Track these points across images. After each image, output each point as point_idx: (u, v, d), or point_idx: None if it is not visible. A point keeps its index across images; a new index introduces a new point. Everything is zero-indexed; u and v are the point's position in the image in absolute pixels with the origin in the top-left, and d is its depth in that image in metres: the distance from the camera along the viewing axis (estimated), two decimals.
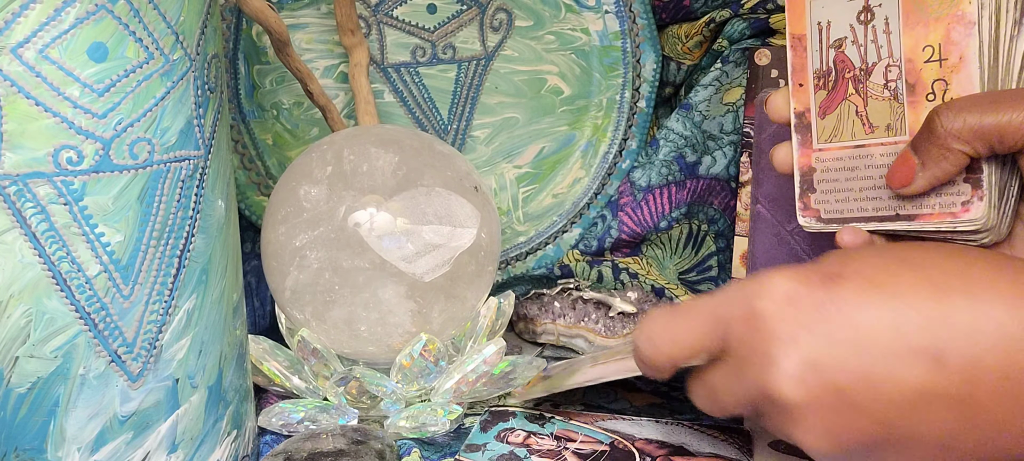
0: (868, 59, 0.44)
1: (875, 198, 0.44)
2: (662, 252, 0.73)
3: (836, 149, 0.45)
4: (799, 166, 0.46)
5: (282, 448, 0.46)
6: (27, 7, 0.35)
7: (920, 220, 0.42)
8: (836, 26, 0.45)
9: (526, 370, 0.54)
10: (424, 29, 0.69)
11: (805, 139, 0.46)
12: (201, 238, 0.41)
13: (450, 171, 0.54)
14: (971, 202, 0.41)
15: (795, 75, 0.46)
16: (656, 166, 0.70)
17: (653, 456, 0.47)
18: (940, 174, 0.40)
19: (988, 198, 0.41)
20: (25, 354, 0.38)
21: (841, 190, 0.45)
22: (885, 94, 0.43)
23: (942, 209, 0.42)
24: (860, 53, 0.44)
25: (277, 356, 0.54)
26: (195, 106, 0.40)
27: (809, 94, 0.46)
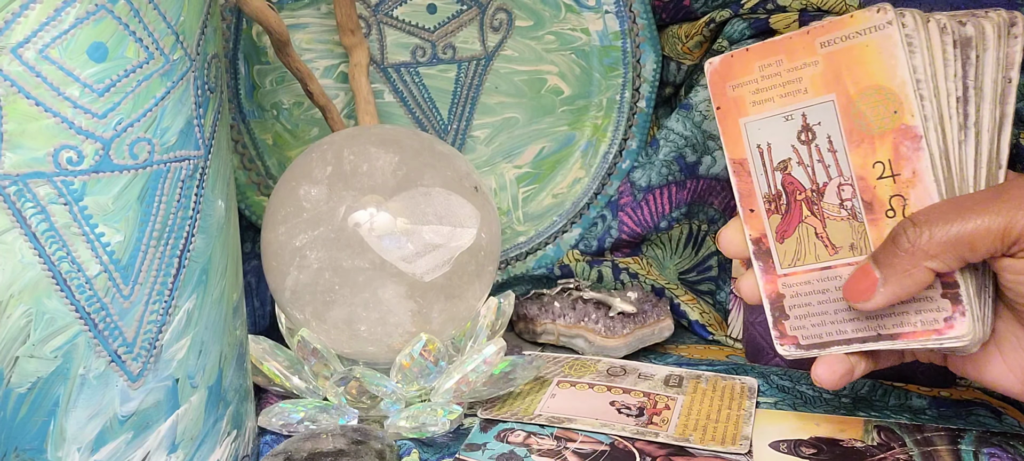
0: (818, 179, 0.42)
1: (853, 319, 0.42)
2: (662, 252, 0.73)
3: (802, 273, 0.43)
4: (766, 294, 0.45)
5: (282, 448, 0.46)
6: (27, 7, 0.35)
7: (903, 338, 0.41)
8: (777, 148, 0.43)
9: (526, 370, 0.54)
10: (424, 29, 0.69)
11: (767, 265, 0.44)
12: (201, 238, 0.41)
13: (450, 171, 0.54)
14: (953, 318, 0.39)
15: (744, 201, 0.45)
16: (656, 166, 0.70)
17: (653, 456, 0.47)
18: (901, 291, 0.39)
19: (970, 312, 0.39)
20: (25, 354, 0.38)
21: (815, 314, 0.43)
22: (842, 213, 0.42)
23: (925, 327, 0.40)
24: (808, 173, 0.42)
25: (277, 356, 0.54)
26: (195, 106, 0.40)
27: (762, 219, 0.44)
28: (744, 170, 0.44)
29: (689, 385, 0.57)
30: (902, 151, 0.39)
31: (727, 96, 0.44)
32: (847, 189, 0.41)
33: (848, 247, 0.42)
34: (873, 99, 0.40)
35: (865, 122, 0.40)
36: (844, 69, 0.41)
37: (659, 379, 0.58)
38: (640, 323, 0.64)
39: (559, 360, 0.62)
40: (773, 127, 0.43)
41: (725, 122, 0.44)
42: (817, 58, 0.41)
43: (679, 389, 0.56)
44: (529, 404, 0.54)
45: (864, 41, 0.40)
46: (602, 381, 0.57)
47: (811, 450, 0.48)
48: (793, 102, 0.42)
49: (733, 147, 0.44)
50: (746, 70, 0.43)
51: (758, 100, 0.43)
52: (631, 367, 0.60)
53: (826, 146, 0.41)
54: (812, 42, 0.41)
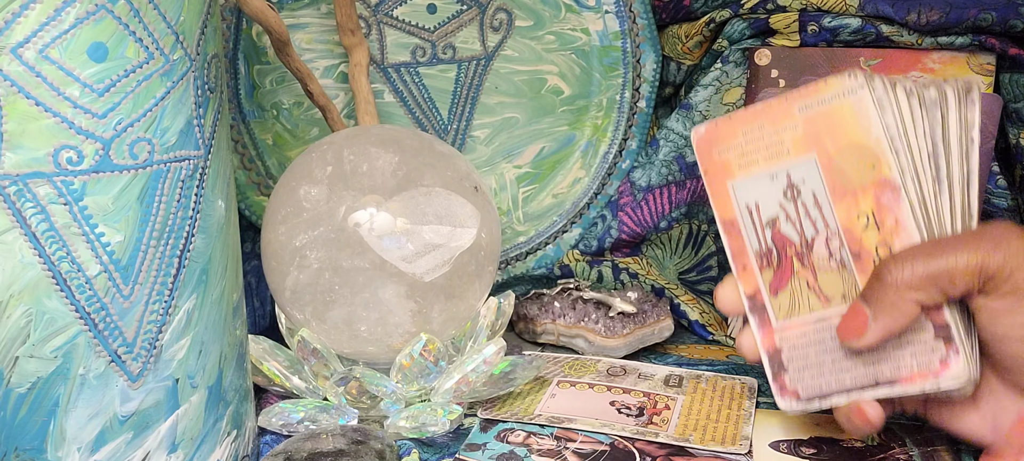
0: (806, 233, 0.44)
1: (850, 368, 0.43)
2: (662, 252, 0.73)
3: (797, 325, 0.45)
4: (764, 348, 0.46)
5: (282, 448, 0.46)
6: (27, 7, 0.35)
7: (901, 383, 0.42)
8: (765, 206, 0.45)
9: (526, 370, 0.54)
10: (424, 29, 0.69)
11: (763, 319, 0.46)
12: (201, 238, 0.41)
13: (450, 171, 0.54)
14: (949, 358, 0.41)
15: (736, 259, 0.46)
16: (656, 166, 0.70)
17: (653, 456, 0.47)
18: (892, 325, 0.41)
19: (963, 351, 0.41)
20: (25, 354, 0.38)
21: (813, 365, 0.44)
22: (832, 265, 0.43)
23: (921, 370, 0.41)
24: (797, 228, 0.44)
25: (277, 356, 0.54)
26: (195, 106, 0.40)
27: (755, 275, 0.46)
28: (735, 229, 0.46)
29: (689, 385, 0.57)
30: (883, 202, 0.42)
31: (714, 160, 0.46)
32: (835, 241, 0.43)
33: (840, 297, 0.43)
34: (852, 155, 0.42)
35: (846, 177, 0.42)
36: (823, 130, 0.43)
37: (659, 379, 0.58)
38: (640, 323, 0.64)
39: (559, 360, 0.62)
40: (760, 187, 0.45)
41: (713, 185, 0.46)
42: (797, 122, 0.44)
43: (679, 389, 0.56)
44: (529, 404, 0.54)
45: (839, 104, 0.42)
46: (602, 381, 0.57)
47: (811, 450, 0.48)
48: (777, 162, 0.44)
49: (723, 208, 0.46)
50: (730, 135, 0.46)
51: (744, 163, 0.45)
52: (631, 367, 0.60)
53: (812, 202, 0.43)
54: (791, 107, 0.44)
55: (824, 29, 0.64)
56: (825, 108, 0.43)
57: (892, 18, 0.62)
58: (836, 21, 0.63)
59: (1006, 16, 0.60)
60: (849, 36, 0.64)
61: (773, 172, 0.44)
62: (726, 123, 0.46)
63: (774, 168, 0.44)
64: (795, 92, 0.44)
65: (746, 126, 0.45)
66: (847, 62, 0.64)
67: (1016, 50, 0.61)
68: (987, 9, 0.60)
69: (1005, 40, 0.61)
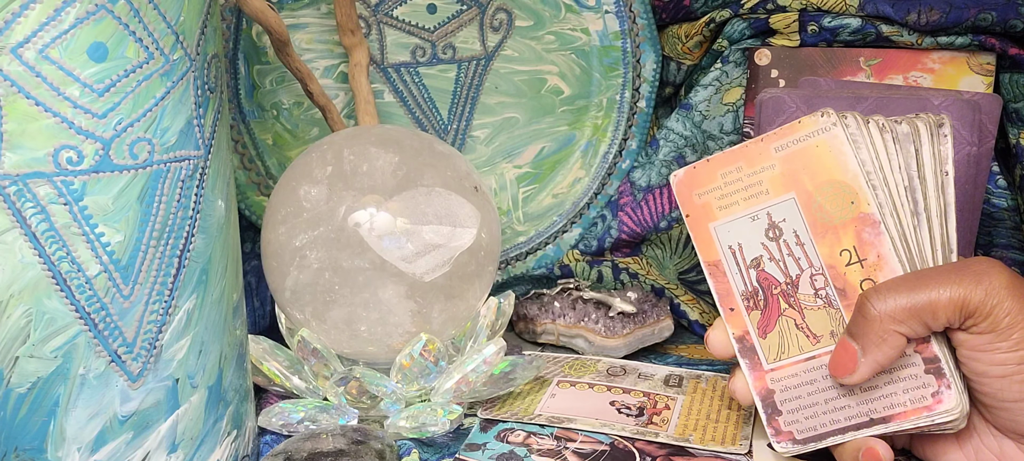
0: (791, 272, 0.44)
1: (843, 407, 0.43)
2: (662, 252, 0.73)
3: (788, 366, 0.45)
4: (756, 391, 0.45)
5: (282, 448, 0.46)
6: (27, 7, 0.35)
7: (896, 420, 0.42)
8: (748, 247, 0.45)
9: (526, 370, 0.54)
10: (424, 29, 0.69)
11: (754, 362, 0.45)
12: (201, 238, 0.41)
13: (450, 171, 0.54)
14: (940, 392, 0.41)
15: (723, 301, 0.46)
16: (656, 166, 0.70)
17: (653, 456, 0.47)
18: (882, 359, 0.41)
19: (954, 384, 0.41)
20: (25, 354, 0.38)
21: (807, 406, 0.44)
22: (818, 303, 0.44)
23: (914, 405, 0.41)
24: (781, 268, 0.44)
25: (277, 356, 0.54)
26: (195, 106, 0.40)
27: (743, 317, 0.46)
28: (719, 271, 0.46)
29: (689, 385, 0.57)
30: (865, 237, 0.42)
31: (694, 203, 0.46)
32: (819, 278, 0.43)
33: (829, 334, 0.44)
34: (830, 192, 0.43)
35: (826, 214, 0.43)
36: (800, 168, 0.43)
37: (659, 379, 0.58)
38: (640, 323, 0.64)
39: (559, 360, 0.62)
40: (741, 228, 0.45)
41: (696, 228, 0.46)
42: (774, 162, 0.44)
43: (679, 389, 0.56)
44: (529, 404, 0.54)
45: (814, 142, 0.43)
46: (602, 381, 0.57)
47: None
48: (757, 203, 0.45)
49: (706, 250, 0.46)
50: (709, 178, 0.46)
51: (724, 204, 0.45)
52: (631, 367, 0.60)
53: (794, 240, 0.44)
54: (767, 148, 0.44)
55: (824, 29, 0.64)
56: (800, 147, 0.43)
57: (892, 18, 0.62)
58: (836, 21, 0.63)
59: (1006, 16, 0.60)
60: (849, 36, 0.64)
61: (754, 213, 0.45)
62: (704, 167, 0.46)
63: (754, 209, 0.45)
64: (770, 133, 0.44)
65: (724, 168, 0.45)
66: (847, 62, 0.64)
67: (1016, 50, 0.61)
68: (987, 9, 0.60)
69: (1005, 40, 0.61)
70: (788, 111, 0.58)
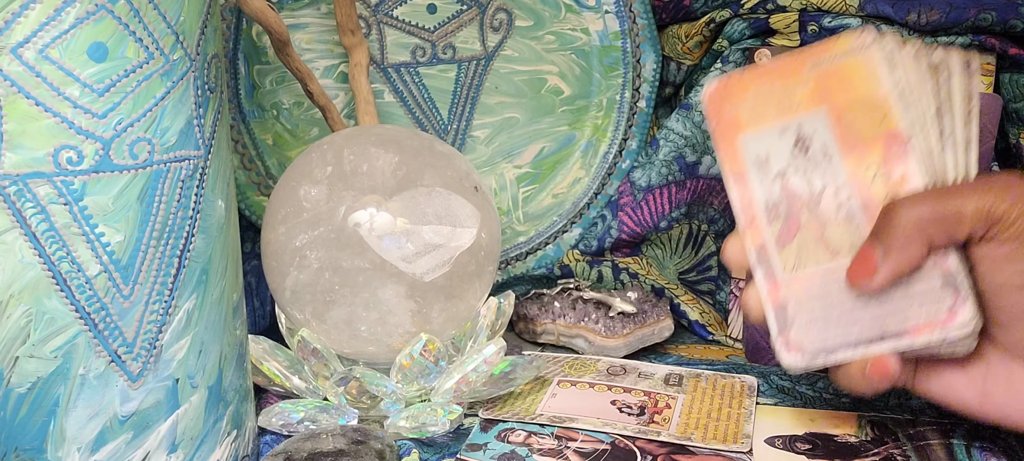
0: (814, 186, 0.44)
1: (857, 321, 0.43)
2: (662, 252, 0.73)
3: (803, 278, 0.44)
4: (770, 302, 0.45)
5: (282, 448, 0.46)
6: (27, 7, 0.35)
7: (909, 335, 0.42)
8: (774, 159, 0.45)
9: (526, 370, 0.54)
10: (424, 29, 0.69)
11: (769, 272, 0.45)
12: (201, 238, 0.41)
13: (450, 171, 0.54)
14: (956, 307, 0.41)
15: (744, 212, 0.46)
16: (656, 166, 0.70)
17: (654, 455, 0.47)
18: (902, 264, 0.41)
19: (971, 298, 0.41)
20: (25, 354, 0.38)
21: (819, 319, 0.44)
22: (840, 216, 0.43)
23: (929, 319, 0.41)
24: (805, 180, 0.44)
25: (277, 356, 0.54)
26: (195, 106, 0.40)
27: (762, 228, 0.45)
28: (743, 182, 0.46)
29: (689, 384, 0.57)
30: (891, 154, 0.42)
31: (724, 115, 0.46)
32: (843, 192, 0.43)
33: (847, 248, 0.43)
34: (861, 109, 0.43)
35: (856, 130, 0.43)
36: (833, 85, 0.43)
37: (659, 378, 0.58)
38: (640, 323, 0.64)
39: (559, 360, 0.62)
40: (769, 140, 0.45)
41: (722, 140, 0.46)
42: (808, 78, 0.44)
43: (679, 388, 0.56)
44: (530, 404, 0.54)
45: (851, 60, 0.43)
46: (603, 380, 0.57)
47: (806, 445, 0.48)
48: (788, 117, 0.45)
49: (731, 161, 0.46)
50: (742, 92, 0.46)
51: (754, 118, 0.45)
52: (631, 366, 0.60)
53: (821, 154, 0.44)
54: (803, 65, 0.44)
55: (824, 29, 0.64)
56: (836, 65, 0.43)
57: (892, 18, 0.62)
58: (836, 21, 0.63)
59: (1006, 16, 0.60)
60: None
61: (783, 126, 0.45)
62: (738, 79, 0.46)
63: (784, 122, 0.45)
64: (806, 50, 0.44)
65: (757, 83, 0.45)
66: None
67: (1016, 50, 0.61)
68: (987, 9, 0.60)
69: (1005, 40, 0.61)
70: None
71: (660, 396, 0.55)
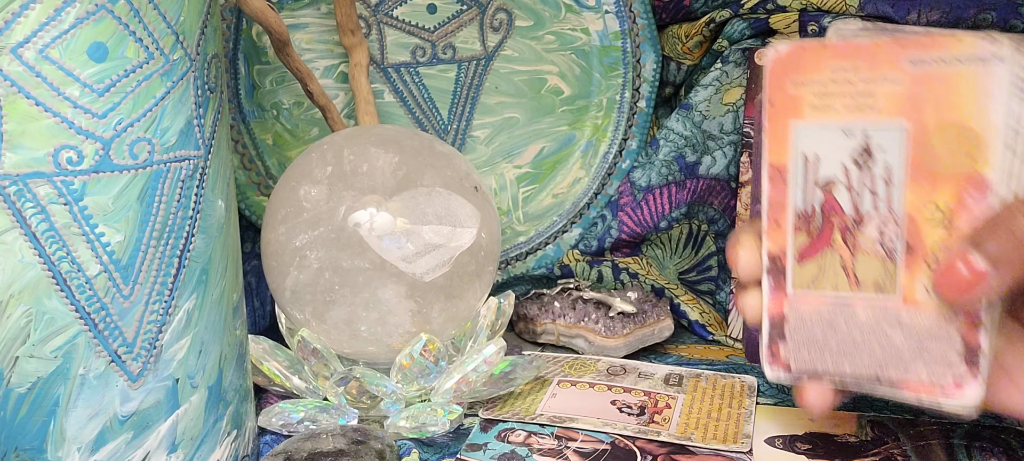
0: (861, 208, 0.38)
1: (855, 357, 0.39)
2: (662, 252, 0.73)
3: (813, 300, 0.39)
4: (769, 313, 0.41)
5: (282, 448, 0.46)
6: (27, 7, 0.35)
7: (905, 389, 0.38)
8: (826, 162, 0.38)
9: (526, 370, 0.54)
10: (424, 29, 0.69)
11: (778, 284, 0.40)
12: (201, 238, 0.41)
13: (450, 171, 0.54)
14: (964, 382, 0.37)
15: (772, 212, 0.40)
16: (656, 166, 0.70)
17: (654, 455, 0.47)
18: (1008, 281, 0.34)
19: (982, 378, 0.37)
20: (25, 354, 0.38)
21: (816, 344, 0.40)
22: (878, 250, 0.38)
23: (932, 381, 0.37)
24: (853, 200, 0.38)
25: (277, 356, 0.54)
26: (195, 106, 0.40)
27: (786, 235, 0.40)
28: (781, 178, 0.39)
29: (689, 384, 0.57)
30: (966, 201, 0.35)
31: (785, 92, 0.39)
32: (891, 226, 0.37)
33: (872, 285, 0.38)
34: (951, 136, 0.35)
35: (935, 160, 0.36)
36: (929, 95, 0.36)
37: (659, 378, 0.58)
38: (640, 323, 0.64)
39: (559, 360, 0.62)
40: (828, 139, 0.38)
41: (774, 121, 0.39)
42: (902, 75, 0.36)
43: (679, 388, 0.56)
44: (530, 404, 0.54)
45: (963, 70, 0.35)
46: (603, 380, 0.57)
47: (806, 445, 0.48)
48: (859, 117, 0.37)
49: (776, 150, 0.39)
50: (815, 67, 0.38)
51: (819, 105, 0.38)
52: (631, 366, 0.60)
53: (883, 175, 0.37)
54: (900, 56, 0.36)
55: (824, 29, 0.64)
56: (943, 70, 0.35)
57: (892, 18, 0.62)
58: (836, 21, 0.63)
59: (1006, 16, 0.60)
60: None
61: (850, 126, 0.37)
62: (814, 50, 0.38)
63: (852, 122, 0.37)
64: (910, 39, 0.36)
65: (837, 62, 0.37)
66: None
67: None
68: (987, 9, 0.60)
69: None
70: None
71: (660, 396, 0.55)
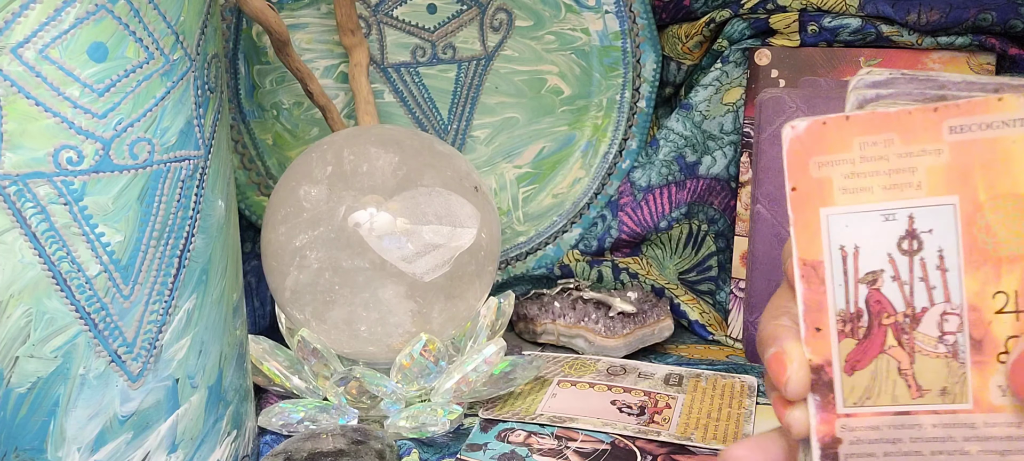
0: (916, 302, 0.33)
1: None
2: (662, 252, 0.73)
3: (870, 415, 0.34)
4: (818, 436, 0.34)
5: (282, 448, 0.46)
6: (27, 7, 0.35)
7: None
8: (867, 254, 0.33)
9: (526, 370, 0.54)
10: (424, 29, 0.69)
11: (826, 401, 0.34)
12: (201, 238, 0.41)
13: (450, 171, 0.54)
14: None
15: (809, 316, 0.34)
16: (656, 166, 0.70)
17: (654, 455, 0.47)
18: None
19: None
20: (25, 354, 0.38)
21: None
22: (940, 350, 0.33)
23: None
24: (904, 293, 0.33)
25: (277, 356, 0.54)
26: (195, 106, 0.40)
27: (830, 342, 0.34)
28: (817, 277, 0.34)
29: (689, 384, 0.57)
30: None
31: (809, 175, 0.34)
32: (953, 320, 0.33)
33: (938, 391, 0.33)
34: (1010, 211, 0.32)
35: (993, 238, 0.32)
36: (978, 166, 0.32)
37: (659, 378, 0.58)
38: (640, 323, 0.64)
39: (559, 360, 0.62)
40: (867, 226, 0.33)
41: (801, 209, 0.34)
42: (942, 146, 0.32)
43: (679, 388, 0.56)
44: (530, 404, 0.54)
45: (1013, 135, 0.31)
46: (603, 380, 0.57)
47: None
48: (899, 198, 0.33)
49: (806, 245, 0.34)
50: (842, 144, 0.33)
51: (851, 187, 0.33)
52: (631, 366, 0.60)
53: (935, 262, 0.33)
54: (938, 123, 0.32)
55: (824, 29, 0.64)
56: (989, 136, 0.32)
57: (892, 18, 0.62)
58: (836, 21, 0.63)
59: (1006, 16, 0.60)
60: (849, 36, 0.64)
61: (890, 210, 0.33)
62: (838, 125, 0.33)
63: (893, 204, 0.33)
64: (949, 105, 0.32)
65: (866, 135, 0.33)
66: (847, 62, 0.64)
67: (1016, 50, 0.61)
68: (987, 9, 0.60)
69: (1005, 40, 0.61)
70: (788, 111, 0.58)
71: (660, 396, 0.55)
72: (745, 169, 0.67)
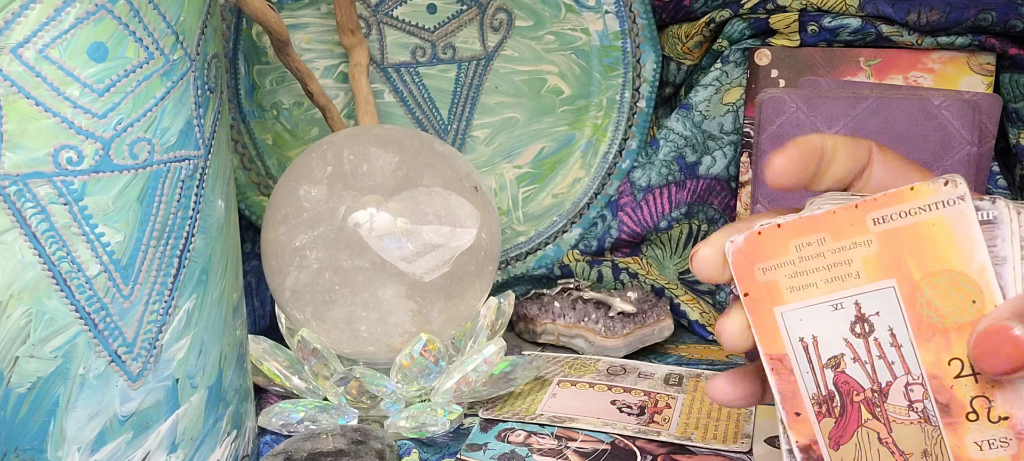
0: (880, 378, 0.35)
1: None
2: (662, 252, 0.73)
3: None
4: None
5: (282, 448, 0.46)
6: (27, 7, 0.35)
7: None
8: (826, 342, 0.35)
9: (526, 370, 0.54)
10: (424, 29, 0.69)
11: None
12: (201, 238, 0.41)
13: (450, 171, 0.54)
14: None
15: (787, 404, 0.36)
16: (656, 166, 0.70)
17: (654, 455, 0.47)
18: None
19: None
20: (25, 354, 0.38)
21: None
22: (912, 417, 0.34)
23: None
24: (867, 372, 0.35)
25: (277, 356, 0.54)
26: (195, 106, 0.40)
27: (811, 424, 0.36)
28: (785, 368, 0.36)
29: (689, 384, 0.57)
30: None
31: (756, 281, 0.36)
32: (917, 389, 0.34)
33: (920, 454, 0.35)
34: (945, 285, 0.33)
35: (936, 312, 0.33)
36: (906, 250, 0.34)
37: (659, 378, 0.58)
38: (640, 323, 0.64)
39: (559, 360, 0.62)
40: (819, 318, 0.35)
41: (757, 311, 0.36)
42: (870, 236, 0.34)
43: (679, 388, 0.56)
44: (530, 404, 0.54)
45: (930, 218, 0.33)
46: (603, 380, 0.57)
47: None
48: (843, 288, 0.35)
49: (769, 341, 0.36)
50: (779, 249, 0.36)
51: (797, 285, 0.35)
52: (631, 366, 0.60)
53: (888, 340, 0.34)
54: (862, 218, 0.34)
55: (824, 29, 0.64)
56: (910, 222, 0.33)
57: (892, 18, 0.62)
58: (836, 21, 0.63)
59: (1006, 16, 0.60)
60: (849, 36, 0.64)
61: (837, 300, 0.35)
62: (772, 234, 0.35)
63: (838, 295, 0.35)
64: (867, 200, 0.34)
65: (800, 238, 0.35)
66: (847, 62, 0.64)
67: (1016, 50, 0.61)
68: (987, 9, 0.60)
69: (1005, 40, 0.61)
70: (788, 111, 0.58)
71: (660, 396, 0.55)
72: (745, 169, 0.67)
